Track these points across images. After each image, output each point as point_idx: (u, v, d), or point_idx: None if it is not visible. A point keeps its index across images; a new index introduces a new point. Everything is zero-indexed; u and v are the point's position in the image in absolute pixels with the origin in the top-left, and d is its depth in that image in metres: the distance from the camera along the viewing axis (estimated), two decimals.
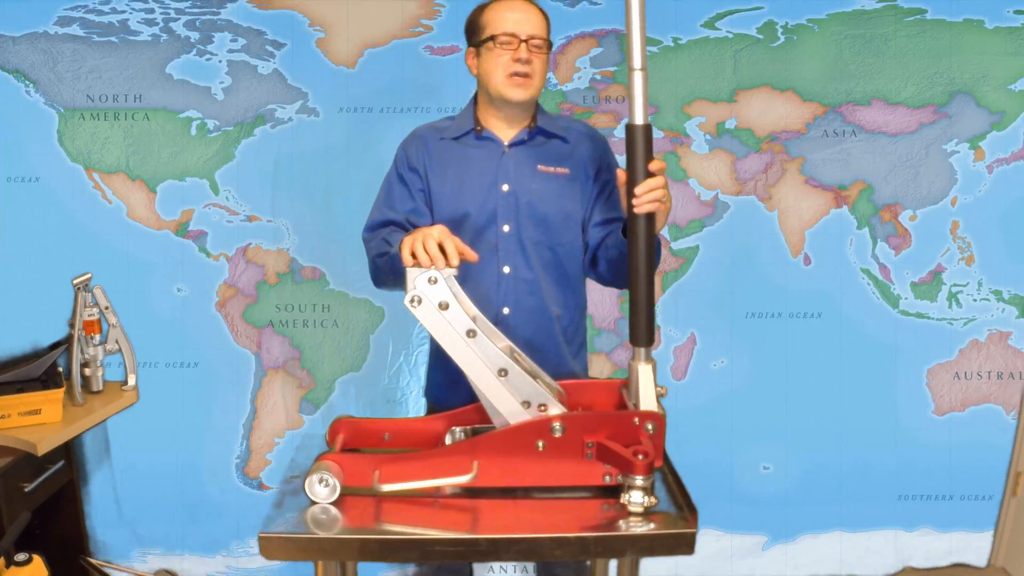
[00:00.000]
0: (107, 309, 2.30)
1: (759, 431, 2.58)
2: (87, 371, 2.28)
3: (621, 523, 1.28)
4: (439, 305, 1.35)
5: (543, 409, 1.36)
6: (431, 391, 1.89)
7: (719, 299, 2.55)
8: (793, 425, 2.57)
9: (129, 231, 2.48)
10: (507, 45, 1.67)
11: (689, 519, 1.29)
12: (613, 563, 1.68)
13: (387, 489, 1.33)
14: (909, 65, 2.47)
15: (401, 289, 1.39)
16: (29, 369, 2.11)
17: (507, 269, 1.74)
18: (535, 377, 1.39)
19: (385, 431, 1.50)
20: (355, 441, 1.49)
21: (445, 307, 1.35)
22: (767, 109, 2.49)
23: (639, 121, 1.40)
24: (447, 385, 1.79)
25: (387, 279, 1.70)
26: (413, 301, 1.36)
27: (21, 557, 1.58)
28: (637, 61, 1.39)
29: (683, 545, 1.26)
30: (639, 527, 1.27)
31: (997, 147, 2.49)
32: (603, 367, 2.58)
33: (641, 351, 1.42)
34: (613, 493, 1.34)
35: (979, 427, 2.58)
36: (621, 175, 1.46)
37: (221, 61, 2.44)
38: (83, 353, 2.27)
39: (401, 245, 1.42)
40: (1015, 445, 2.59)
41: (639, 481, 1.28)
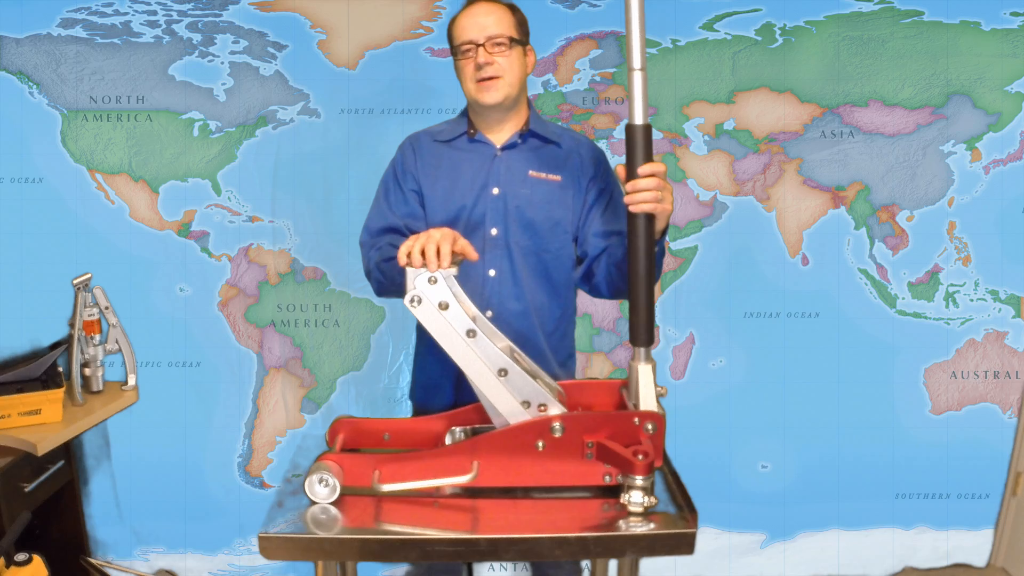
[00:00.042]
0: (107, 309, 2.30)
1: (757, 430, 2.59)
2: (87, 371, 2.29)
3: (621, 523, 1.28)
4: (439, 305, 1.36)
5: (543, 409, 1.36)
6: (414, 393, 1.90)
7: (718, 299, 2.56)
8: (791, 424, 2.58)
9: (132, 231, 2.48)
10: (467, 54, 1.70)
11: (689, 519, 1.29)
12: (613, 563, 1.68)
13: (387, 489, 1.33)
14: (906, 67, 2.48)
15: (401, 297, 1.39)
16: (29, 369, 2.11)
17: (493, 272, 1.75)
18: (535, 377, 1.39)
19: (385, 431, 1.51)
20: (355, 441, 1.49)
21: (445, 307, 1.36)
22: (765, 110, 2.50)
23: (639, 121, 1.40)
24: (429, 387, 1.82)
25: (389, 287, 1.70)
26: (413, 301, 1.36)
27: (21, 557, 1.59)
28: (637, 61, 1.39)
29: (683, 545, 1.26)
30: (639, 527, 1.27)
31: (994, 148, 2.50)
32: (603, 367, 2.59)
33: (641, 351, 1.42)
34: (613, 493, 1.34)
35: (976, 426, 2.59)
36: (621, 172, 1.46)
37: (223, 63, 2.44)
38: (83, 353, 2.27)
39: (401, 246, 1.43)
40: (1015, 445, 2.59)
41: (639, 481, 1.29)
